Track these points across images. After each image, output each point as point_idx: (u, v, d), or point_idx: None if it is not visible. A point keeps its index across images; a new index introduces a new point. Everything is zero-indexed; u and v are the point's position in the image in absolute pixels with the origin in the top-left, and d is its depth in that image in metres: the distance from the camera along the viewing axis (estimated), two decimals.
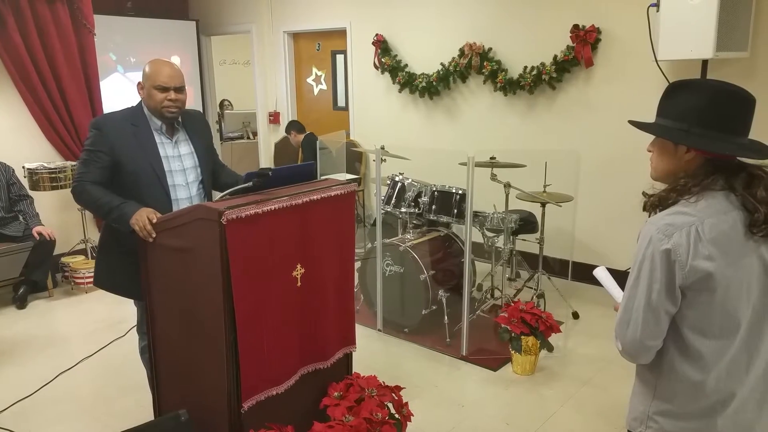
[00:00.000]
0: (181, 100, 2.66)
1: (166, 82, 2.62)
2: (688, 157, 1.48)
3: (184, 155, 2.77)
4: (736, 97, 1.45)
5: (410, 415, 2.78)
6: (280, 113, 7.39)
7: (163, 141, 2.72)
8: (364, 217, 6.37)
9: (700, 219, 1.41)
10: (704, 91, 1.47)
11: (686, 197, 1.45)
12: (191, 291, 2.39)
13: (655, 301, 1.43)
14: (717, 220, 1.41)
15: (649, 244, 1.43)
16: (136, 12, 7.02)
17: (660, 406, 1.53)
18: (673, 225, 1.42)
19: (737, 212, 1.43)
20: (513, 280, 4.76)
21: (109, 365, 3.78)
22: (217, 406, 2.39)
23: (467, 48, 5.36)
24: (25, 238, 4.73)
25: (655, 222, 1.45)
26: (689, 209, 1.43)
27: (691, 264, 1.39)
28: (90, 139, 2.63)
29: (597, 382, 3.53)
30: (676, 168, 1.51)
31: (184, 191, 2.74)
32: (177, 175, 2.73)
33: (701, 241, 1.39)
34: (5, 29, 4.95)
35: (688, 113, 1.46)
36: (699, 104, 1.45)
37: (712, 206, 1.43)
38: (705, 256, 1.39)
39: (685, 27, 3.76)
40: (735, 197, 1.44)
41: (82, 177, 2.61)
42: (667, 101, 1.53)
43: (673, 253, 1.39)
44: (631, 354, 1.51)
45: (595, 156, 4.83)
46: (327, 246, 2.61)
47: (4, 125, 5.20)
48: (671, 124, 1.49)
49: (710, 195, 1.44)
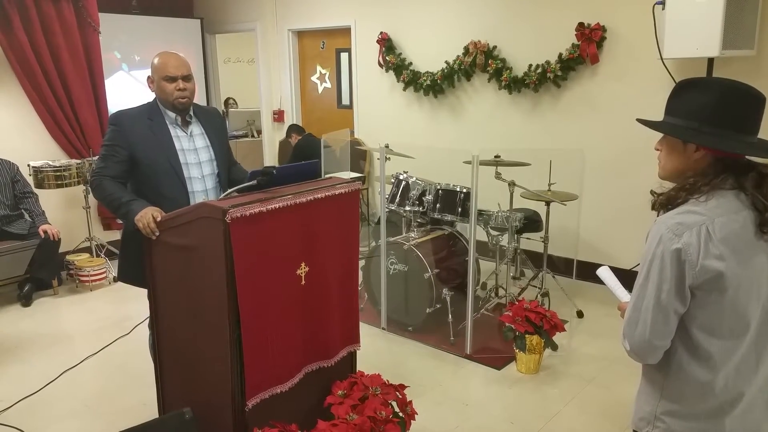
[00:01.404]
0: (189, 89, 2.72)
1: (173, 72, 2.69)
2: (697, 155, 1.47)
3: (200, 148, 2.81)
4: (746, 96, 1.44)
5: (414, 413, 2.78)
6: (284, 111, 7.39)
7: (178, 134, 2.77)
8: (368, 215, 6.37)
9: (710, 218, 1.40)
10: (714, 90, 1.46)
11: (696, 196, 1.44)
12: (196, 289, 2.40)
13: (665, 301, 1.42)
14: (727, 219, 1.40)
15: (659, 243, 1.41)
16: (141, 10, 7.03)
17: (668, 407, 1.52)
18: (683, 224, 1.40)
19: (747, 211, 1.42)
20: (517, 278, 4.75)
21: (114, 363, 3.78)
22: (221, 404, 2.40)
23: (472, 46, 5.35)
24: (30, 236, 4.74)
25: (665, 221, 1.43)
26: (699, 208, 1.42)
27: (702, 264, 1.38)
28: (108, 134, 2.71)
29: (601, 381, 3.52)
30: (684, 167, 1.50)
31: (199, 184, 2.79)
32: (193, 168, 2.77)
33: (712, 240, 1.38)
34: (10, 28, 4.96)
35: (698, 111, 1.45)
36: (709, 102, 1.44)
37: (722, 205, 1.42)
38: (716, 256, 1.38)
39: (691, 25, 3.74)
40: (745, 196, 1.43)
41: (99, 171, 2.67)
42: (676, 99, 1.52)
43: (684, 253, 1.38)
44: (639, 354, 1.50)
45: (600, 154, 4.82)
46: (331, 244, 2.61)
47: (10, 123, 5.22)
48: (681, 123, 1.48)
49: (720, 194, 1.43)
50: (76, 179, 5.17)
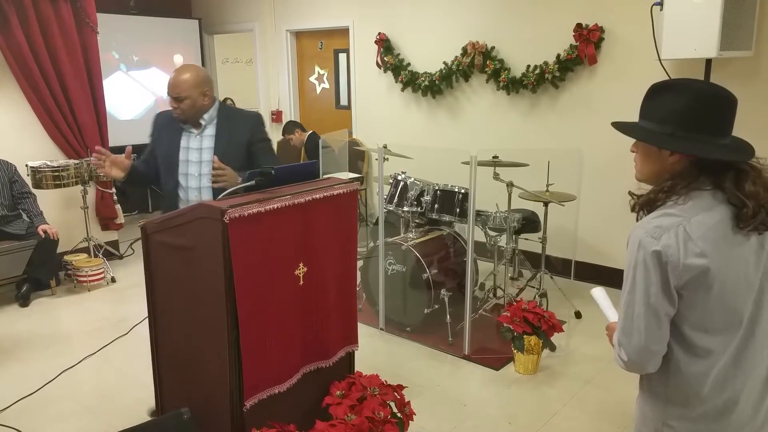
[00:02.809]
0: (181, 108, 2.89)
1: (168, 91, 2.93)
2: (672, 159, 1.48)
3: (205, 149, 2.96)
4: (720, 99, 1.45)
5: (412, 414, 2.78)
6: (282, 112, 7.39)
7: (191, 131, 2.98)
8: (366, 215, 6.37)
9: (686, 218, 1.41)
10: (687, 94, 1.46)
11: (674, 198, 1.45)
12: (193, 289, 2.40)
13: (655, 304, 1.42)
14: (703, 217, 1.41)
15: (640, 248, 1.43)
16: (139, 10, 7.03)
17: (674, 411, 1.51)
18: (660, 227, 1.42)
19: (722, 206, 1.43)
20: (515, 279, 4.75)
21: (112, 363, 3.78)
22: (219, 405, 2.40)
23: (470, 47, 5.35)
24: (28, 236, 4.73)
25: (643, 225, 1.45)
26: (675, 210, 1.43)
27: (684, 263, 1.39)
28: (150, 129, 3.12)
29: (599, 381, 3.52)
30: (661, 170, 1.51)
31: (194, 181, 2.96)
32: (191, 166, 2.95)
33: (691, 239, 1.39)
34: (8, 27, 4.95)
35: (672, 116, 1.46)
36: (683, 107, 1.45)
37: (697, 205, 1.43)
38: (697, 254, 1.39)
39: (689, 26, 3.74)
40: (722, 194, 1.43)
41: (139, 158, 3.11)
42: (650, 103, 1.52)
43: (664, 255, 1.39)
44: (637, 363, 1.48)
45: (598, 155, 4.82)
46: (329, 245, 2.61)
47: (7, 123, 5.21)
48: (655, 128, 1.49)
49: (697, 194, 1.44)
50: (74, 179, 5.16)
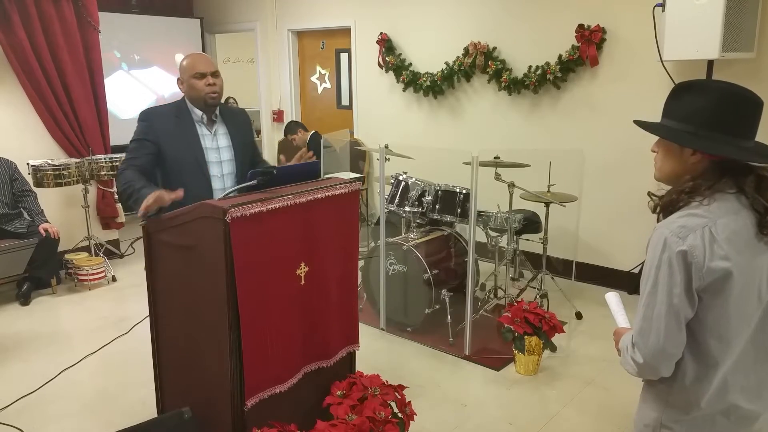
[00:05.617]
0: (218, 85, 2.79)
1: (203, 69, 2.77)
2: (693, 159, 1.47)
3: (222, 148, 2.89)
4: (744, 100, 1.44)
5: (413, 414, 2.78)
6: (283, 111, 7.39)
7: (204, 133, 2.85)
8: (367, 215, 6.37)
9: (712, 220, 1.40)
10: (712, 93, 1.45)
11: (698, 199, 1.43)
12: (195, 289, 2.40)
13: (677, 306, 1.40)
14: (728, 220, 1.40)
15: (665, 248, 1.40)
16: (141, 10, 7.03)
17: (673, 415, 1.51)
18: (686, 227, 1.40)
19: (747, 212, 1.42)
20: (516, 279, 4.75)
21: (112, 362, 3.78)
22: (220, 404, 2.40)
23: (472, 47, 5.35)
24: (29, 235, 4.73)
25: (668, 225, 1.43)
26: (701, 211, 1.42)
27: (708, 265, 1.38)
28: (138, 129, 2.81)
29: (600, 382, 3.52)
30: (681, 170, 1.50)
31: (218, 182, 2.86)
32: (213, 167, 2.85)
33: (716, 241, 1.38)
34: (10, 26, 4.95)
35: (695, 115, 1.45)
36: (706, 106, 1.44)
37: (722, 207, 1.42)
38: (721, 257, 1.38)
39: (691, 27, 3.74)
40: (746, 198, 1.43)
41: (127, 161, 2.76)
42: (674, 102, 1.51)
43: (690, 255, 1.38)
44: (652, 366, 1.46)
45: (600, 156, 4.82)
46: (331, 244, 2.61)
47: (9, 122, 5.21)
48: (678, 126, 1.48)
49: (721, 197, 1.43)
50: (76, 178, 5.16)
